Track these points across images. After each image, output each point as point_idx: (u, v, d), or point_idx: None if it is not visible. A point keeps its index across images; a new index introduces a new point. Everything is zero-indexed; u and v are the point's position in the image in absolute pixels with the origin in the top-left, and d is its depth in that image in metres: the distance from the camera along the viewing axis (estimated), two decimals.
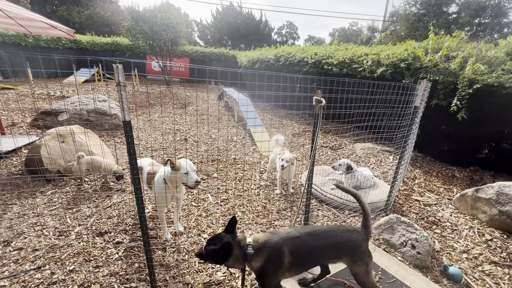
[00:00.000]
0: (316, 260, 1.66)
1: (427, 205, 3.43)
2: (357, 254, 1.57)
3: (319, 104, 1.76)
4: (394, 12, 20.09)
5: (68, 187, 3.30)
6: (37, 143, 3.51)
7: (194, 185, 2.09)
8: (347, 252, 1.58)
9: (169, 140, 5.46)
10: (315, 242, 1.54)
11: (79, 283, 1.88)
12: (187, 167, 2.05)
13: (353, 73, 6.41)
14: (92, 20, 26.31)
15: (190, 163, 2.12)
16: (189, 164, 2.11)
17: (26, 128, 5.31)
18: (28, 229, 2.46)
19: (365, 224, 1.64)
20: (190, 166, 2.11)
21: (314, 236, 1.56)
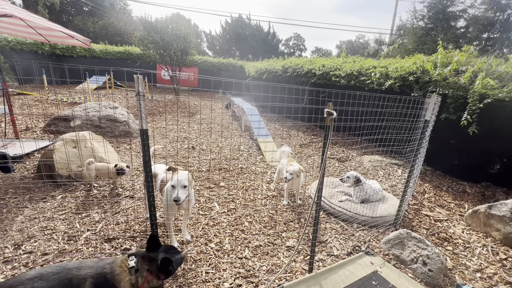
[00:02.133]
0: None
1: (438, 220, 3.35)
2: None
3: (330, 117, 1.78)
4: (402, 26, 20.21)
5: (78, 192, 3.35)
6: (50, 148, 3.60)
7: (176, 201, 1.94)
8: None
9: (177, 148, 5.52)
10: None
11: None
12: (177, 180, 1.97)
13: (361, 85, 6.44)
14: (106, 30, 27.25)
15: (183, 177, 2.02)
16: (181, 177, 2.00)
17: (39, 133, 5.45)
18: (39, 233, 2.49)
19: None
20: (181, 181, 1.99)
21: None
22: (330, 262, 2.38)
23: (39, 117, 6.71)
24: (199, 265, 2.20)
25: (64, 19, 28.46)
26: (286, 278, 2.11)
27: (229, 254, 2.37)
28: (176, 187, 1.96)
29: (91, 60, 15.11)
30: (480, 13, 14.11)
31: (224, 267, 2.20)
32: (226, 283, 2.03)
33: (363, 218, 3.00)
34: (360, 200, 3.29)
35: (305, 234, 2.60)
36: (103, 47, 16.10)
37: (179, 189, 1.96)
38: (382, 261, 2.36)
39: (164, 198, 2.20)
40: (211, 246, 2.45)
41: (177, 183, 1.97)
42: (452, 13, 14.33)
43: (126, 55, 16.70)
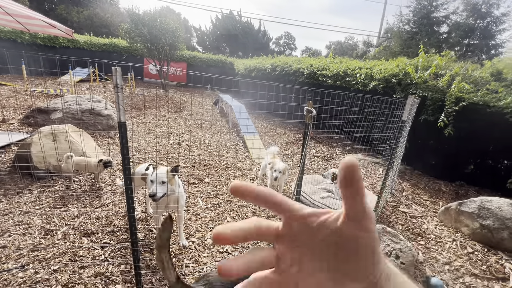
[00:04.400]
0: None
1: (413, 217, 3.51)
2: None
3: (309, 114, 1.83)
4: (389, 29, 20.73)
5: (57, 186, 3.26)
6: (27, 141, 3.48)
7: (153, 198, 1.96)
8: None
9: (162, 143, 5.46)
10: None
11: (63, 283, 1.86)
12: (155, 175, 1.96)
13: (347, 85, 6.58)
14: (91, 21, 26.33)
15: (161, 172, 2.01)
16: (160, 173, 2.00)
17: (16, 125, 5.24)
18: (14, 227, 2.42)
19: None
20: (159, 177, 1.98)
21: None
22: None
23: (17, 109, 6.44)
24: (179, 259, 2.22)
25: (46, 7, 27.22)
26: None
27: (210, 249, 2.40)
28: (154, 182, 1.95)
29: (75, 51, 14.56)
30: (462, 19, 14.71)
31: (205, 261, 2.23)
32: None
33: None
34: (340, 196, 3.39)
35: None
36: (87, 38, 15.57)
37: (158, 185, 1.94)
38: None
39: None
40: (192, 240, 2.47)
41: (155, 178, 1.95)
42: (435, 18, 14.86)
43: (112, 47, 16.23)
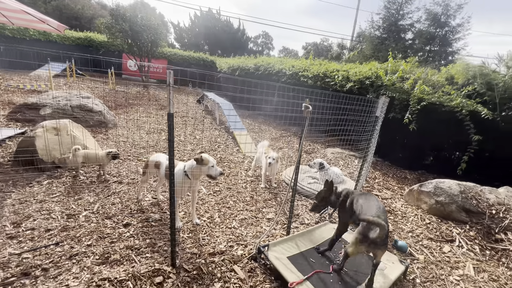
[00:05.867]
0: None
1: (384, 198, 4.16)
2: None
3: (307, 110, 2.29)
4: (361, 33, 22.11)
5: (64, 178, 3.43)
6: (30, 135, 3.58)
7: (219, 175, 2.46)
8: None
9: (154, 139, 5.67)
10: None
11: (99, 254, 2.15)
12: (212, 161, 2.44)
13: (326, 86, 7.22)
14: (60, 12, 24.80)
15: (212, 158, 2.48)
16: (212, 158, 2.47)
17: (3, 120, 5.14)
18: (35, 213, 2.61)
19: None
20: (214, 160, 2.47)
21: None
22: (303, 228, 2.94)
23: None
24: (196, 233, 2.58)
25: None
26: (269, 240, 2.61)
27: (220, 225, 2.79)
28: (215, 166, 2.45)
29: (46, 45, 13.81)
30: (424, 28, 16.25)
31: (217, 234, 2.62)
32: (221, 245, 2.45)
33: None
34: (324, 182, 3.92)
35: (282, 209, 3.12)
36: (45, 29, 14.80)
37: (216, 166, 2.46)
38: None
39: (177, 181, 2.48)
40: (203, 219, 2.84)
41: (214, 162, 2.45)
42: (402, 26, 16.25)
43: (88, 42, 15.64)
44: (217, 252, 2.34)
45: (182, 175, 2.44)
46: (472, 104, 4.70)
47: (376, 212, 1.91)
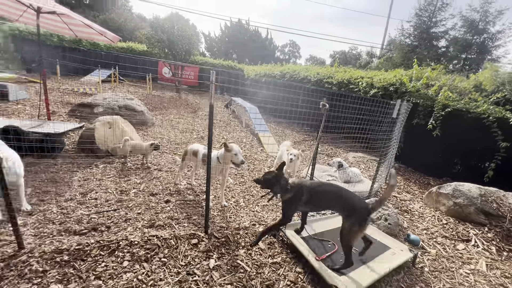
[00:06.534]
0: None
1: (403, 200, 4.26)
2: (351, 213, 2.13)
3: (324, 107, 2.62)
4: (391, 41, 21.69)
5: (115, 164, 4.06)
6: (90, 127, 4.29)
7: (240, 163, 2.85)
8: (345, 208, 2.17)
9: (187, 137, 6.27)
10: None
11: (147, 220, 2.64)
12: (236, 149, 2.85)
13: (350, 92, 7.39)
14: (107, 25, 27.49)
15: (238, 147, 2.90)
16: (237, 148, 2.88)
17: (65, 116, 6.07)
18: (96, 188, 3.21)
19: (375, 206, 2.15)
20: (238, 150, 2.87)
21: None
22: (318, 217, 3.22)
23: (58, 103, 7.28)
24: (223, 213, 2.99)
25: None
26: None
27: (244, 209, 3.17)
28: (238, 154, 2.82)
29: (96, 54, 15.56)
30: (460, 35, 15.61)
31: (242, 215, 3.00)
32: (245, 223, 2.83)
33: None
34: (343, 180, 4.16)
35: None
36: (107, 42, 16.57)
37: (240, 155, 2.84)
38: None
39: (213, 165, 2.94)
40: (230, 202, 3.25)
41: (238, 151, 2.83)
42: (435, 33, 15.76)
43: (129, 51, 17.24)
44: (241, 227, 2.72)
45: (216, 160, 2.89)
46: (500, 110, 4.65)
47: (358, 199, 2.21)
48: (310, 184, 2.31)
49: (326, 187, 2.35)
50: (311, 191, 2.26)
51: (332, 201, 2.28)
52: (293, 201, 2.29)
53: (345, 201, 2.18)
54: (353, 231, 2.10)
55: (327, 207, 2.55)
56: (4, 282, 1.73)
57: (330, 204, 2.34)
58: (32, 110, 6.29)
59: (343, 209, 2.20)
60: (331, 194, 2.27)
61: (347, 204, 2.17)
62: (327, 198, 2.28)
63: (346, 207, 2.17)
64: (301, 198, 2.26)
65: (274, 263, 2.28)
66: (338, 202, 2.23)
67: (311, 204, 2.32)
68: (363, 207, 2.13)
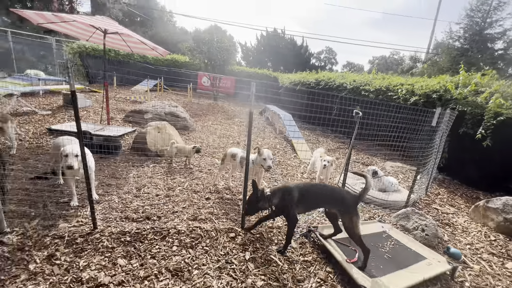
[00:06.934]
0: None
1: (445, 213, 4.03)
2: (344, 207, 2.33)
3: (357, 115, 2.71)
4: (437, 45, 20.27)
5: (163, 164, 4.56)
6: (143, 131, 4.89)
7: (267, 168, 3.09)
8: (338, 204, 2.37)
9: (224, 142, 6.67)
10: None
11: (190, 214, 2.97)
12: (266, 155, 3.09)
13: (388, 100, 7.17)
14: (154, 39, 30.28)
15: (269, 152, 3.13)
16: (268, 153, 3.12)
17: (120, 121, 6.93)
18: (148, 184, 3.68)
19: (362, 193, 2.35)
20: (268, 155, 3.11)
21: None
22: None
23: (113, 110, 8.30)
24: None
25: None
26: (318, 218, 3.04)
27: None
28: (266, 159, 3.07)
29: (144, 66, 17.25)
30: None
31: None
32: (278, 222, 3.00)
33: (379, 201, 3.81)
34: (377, 189, 4.10)
35: None
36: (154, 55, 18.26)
37: (270, 160, 3.06)
38: (391, 226, 3.18)
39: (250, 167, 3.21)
40: None
41: (267, 156, 3.09)
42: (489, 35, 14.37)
43: (173, 62, 18.75)
44: (274, 226, 2.91)
45: (251, 162, 3.14)
46: None
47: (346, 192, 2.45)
48: (296, 185, 2.46)
49: (314, 186, 2.53)
50: (300, 191, 2.40)
51: (323, 198, 2.44)
52: (285, 203, 2.39)
53: (335, 196, 2.38)
54: (354, 221, 2.29)
55: (320, 205, 2.65)
56: (84, 253, 2.15)
57: (322, 202, 2.50)
58: (94, 115, 7.29)
59: (335, 204, 2.40)
60: (320, 192, 2.44)
61: (338, 198, 2.36)
62: (317, 196, 2.43)
63: (337, 201, 2.36)
64: (293, 198, 2.37)
65: (305, 261, 2.41)
66: (329, 198, 2.41)
67: (304, 204, 2.44)
68: (352, 197, 2.36)
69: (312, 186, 2.50)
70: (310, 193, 2.42)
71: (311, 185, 2.51)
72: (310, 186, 2.49)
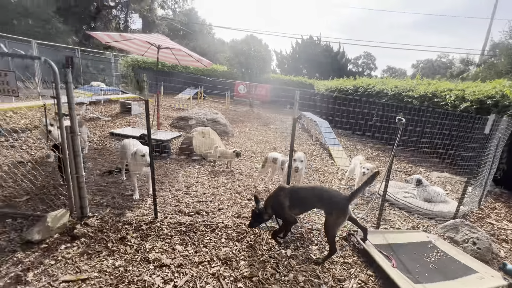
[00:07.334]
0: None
1: (501, 228, 3.71)
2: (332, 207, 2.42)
3: (400, 121, 2.72)
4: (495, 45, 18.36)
5: (207, 166, 4.95)
6: (189, 136, 5.37)
7: (295, 169, 3.23)
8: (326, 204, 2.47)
9: (261, 148, 6.92)
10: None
11: (234, 211, 3.22)
12: (296, 156, 3.24)
13: (434, 107, 6.77)
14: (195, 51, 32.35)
15: (300, 155, 3.28)
16: (298, 155, 3.27)
17: (168, 127, 7.63)
18: (194, 183, 4.05)
19: (352, 194, 2.45)
20: (298, 157, 3.27)
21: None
22: (393, 230, 3.20)
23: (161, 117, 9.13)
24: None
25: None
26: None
27: (316, 213, 3.44)
28: (297, 161, 3.25)
29: (187, 76, 18.57)
30: None
31: (314, 218, 3.29)
32: (318, 224, 3.10)
33: (423, 211, 3.67)
34: (422, 199, 3.94)
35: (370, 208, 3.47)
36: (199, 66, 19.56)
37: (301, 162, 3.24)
38: (437, 237, 3.06)
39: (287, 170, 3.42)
40: None
41: (297, 158, 3.29)
42: None
43: (212, 72, 19.86)
44: (314, 228, 3.01)
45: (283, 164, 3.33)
46: None
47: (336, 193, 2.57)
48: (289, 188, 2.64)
49: (304, 189, 2.68)
50: (291, 194, 2.55)
51: (313, 199, 2.55)
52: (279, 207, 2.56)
53: (324, 197, 2.48)
54: (338, 223, 2.42)
55: (311, 206, 2.71)
56: (149, 238, 2.52)
57: (312, 203, 2.60)
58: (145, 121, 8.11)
59: (324, 205, 2.49)
60: (310, 193, 2.56)
61: (326, 198, 2.46)
62: (308, 198, 2.55)
63: (326, 201, 2.46)
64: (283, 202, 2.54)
65: (345, 262, 2.48)
66: (318, 199, 2.52)
67: (297, 207, 2.58)
68: (342, 198, 2.44)
69: (302, 188, 2.68)
70: (301, 195, 2.57)
71: (301, 187, 2.71)
72: (300, 188, 2.68)
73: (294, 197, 2.55)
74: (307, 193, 2.59)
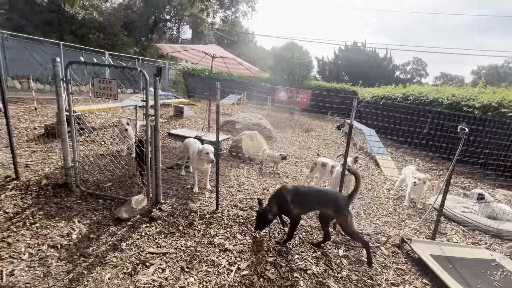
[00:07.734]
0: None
1: None
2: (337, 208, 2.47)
3: (463, 131, 2.65)
4: None
5: (254, 167, 5.25)
6: (239, 139, 5.75)
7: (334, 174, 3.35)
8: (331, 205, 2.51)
9: (304, 153, 7.03)
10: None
11: None
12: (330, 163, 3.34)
13: (501, 118, 6.16)
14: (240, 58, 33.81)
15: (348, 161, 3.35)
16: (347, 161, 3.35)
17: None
18: (245, 182, 4.36)
19: (351, 194, 2.52)
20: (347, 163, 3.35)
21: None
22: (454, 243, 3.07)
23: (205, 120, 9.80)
24: None
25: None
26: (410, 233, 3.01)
27: (365, 220, 3.46)
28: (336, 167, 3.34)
29: (231, 82, 19.51)
30: None
31: (364, 224, 3.32)
32: (368, 230, 3.13)
33: (485, 228, 3.42)
34: (485, 215, 3.67)
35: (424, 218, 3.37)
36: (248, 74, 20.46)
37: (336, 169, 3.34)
38: (503, 256, 2.86)
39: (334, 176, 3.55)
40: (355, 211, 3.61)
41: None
42: None
43: (256, 79, 20.53)
44: (365, 234, 3.05)
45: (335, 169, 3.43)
46: None
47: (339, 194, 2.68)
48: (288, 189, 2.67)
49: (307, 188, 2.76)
50: (294, 193, 2.59)
51: (316, 200, 2.59)
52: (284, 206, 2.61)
53: (327, 198, 2.56)
54: (350, 220, 2.45)
55: (315, 207, 2.71)
56: (212, 225, 2.86)
57: (316, 204, 2.62)
58: (196, 124, 8.83)
59: (328, 205, 2.53)
60: (313, 194, 2.62)
61: (330, 199, 2.53)
62: (311, 198, 2.60)
63: (329, 202, 2.52)
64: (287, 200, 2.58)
65: (399, 269, 2.50)
66: (321, 200, 2.58)
67: (300, 207, 2.60)
68: (344, 198, 2.52)
69: (305, 188, 2.73)
70: (304, 195, 2.61)
71: (304, 187, 2.75)
72: (303, 188, 2.71)
73: (296, 196, 2.60)
74: (309, 193, 2.66)
